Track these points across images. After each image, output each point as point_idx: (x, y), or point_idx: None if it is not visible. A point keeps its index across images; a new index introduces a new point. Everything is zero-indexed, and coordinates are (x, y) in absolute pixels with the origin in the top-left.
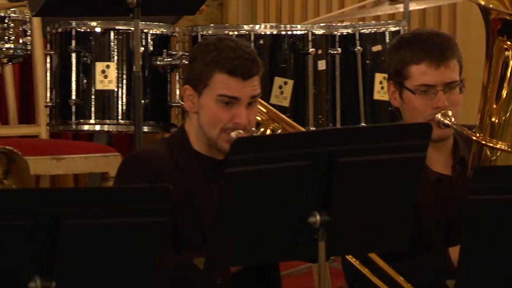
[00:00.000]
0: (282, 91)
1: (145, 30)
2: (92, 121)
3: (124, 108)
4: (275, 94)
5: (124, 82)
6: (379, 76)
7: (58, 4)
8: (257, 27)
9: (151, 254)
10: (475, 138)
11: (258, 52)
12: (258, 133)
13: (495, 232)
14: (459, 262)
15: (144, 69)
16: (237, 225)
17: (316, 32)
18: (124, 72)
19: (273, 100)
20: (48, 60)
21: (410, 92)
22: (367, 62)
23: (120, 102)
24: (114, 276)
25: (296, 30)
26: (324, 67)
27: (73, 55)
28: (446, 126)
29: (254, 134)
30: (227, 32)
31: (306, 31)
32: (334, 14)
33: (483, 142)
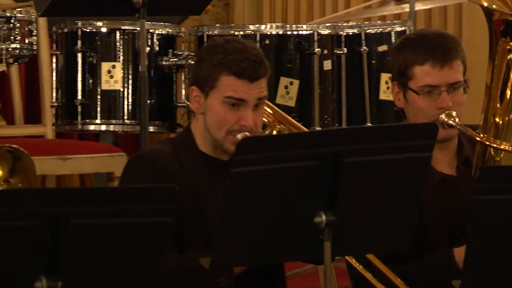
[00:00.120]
0: (288, 91)
1: (151, 30)
2: (98, 121)
3: (130, 108)
4: (281, 94)
5: (130, 82)
6: (385, 76)
7: (64, 4)
8: (263, 27)
9: (155, 254)
10: (479, 138)
11: (263, 52)
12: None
13: (500, 232)
14: (464, 262)
15: (150, 69)
16: (242, 225)
17: (322, 32)
18: (130, 72)
19: (279, 100)
20: (54, 60)
21: (414, 93)
22: (373, 62)
23: (126, 102)
24: (119, 276)
25: (302, 30)
26: (330, 67)
27: (79, 55)
28: (450, 126)
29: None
30: (232, 32)
31: (312, 31)
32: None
33: (487, 142)
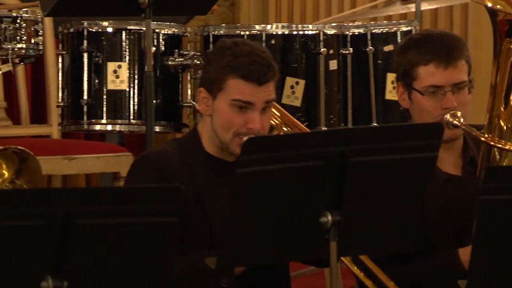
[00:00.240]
0: (294, 91)
1: (156, 30)
2: (103, 121)
3: (135, 108)
4: (287, 94)
5: (136, 82)
6: (390, 76)
7: (70, 4)
8: (268, 27)
9: (161, 253)
10: (483, 139)
11: (269, 52)
12: None
13: (506, 232)
14: (470, 262)
15: (156, 69)
16: (248, 225)
17: (328, 32)
18: (136, 72)
19: (284, 100)
20: (60, 60)
21: (419, 93)
22: (379, 62)
23: (131, 102)
24: (125, 276)
25: (308, 30)
26: (335, 67)
27: (84, 55)
28: (455, 126)
29: None
30: (238, 32)
31: (317, 31)
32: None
33: (492, 143)
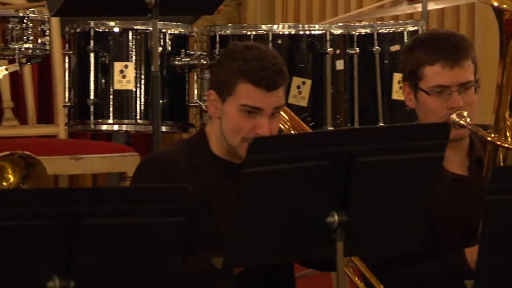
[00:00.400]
0: (300, 91)
1: (163, 30)
2: (110, 121)
3: (142, 108)
4: (293, 94)
5: (142, 82)
6: (397, 76)
7: (77, 4)
8: (275, 27)
9: (168, 254)
10: (490, 138)
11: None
12: None
13: None
14: (476, 262)
15: (162, 69)
16: (254, 225)
17: (334, 32)
18: (142, 72)
19: (291, 100)
20: (67, 60)
21: (425, 93)
22: (385, 62)
23: (138, 102)
24: (131, 276)
25: (314, 30)
26: (342, 67)
27: (91, 55)
28: (461, 126)
29: None
30: (245, 32)
31: (324, 31)
32: (352, 14)
33: (498, 142)
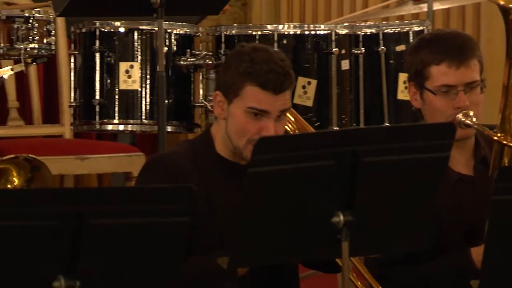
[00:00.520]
0: (306, 91)
1: (168, 30)
2: (115, 121)
3: (147, 108)
4: (299, 94)
5: (148, 82)
6: (402, 76)
7: (82, 4)
8: (280, 27)
9: (173, 253)
10: (496, 138)
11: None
12: None
13: None
14: (482, 262)
15: (168, 69)
16: (260, 224)
17: (340, 32)
18: (148, 72)
19: (296, 100)
20: (72, 60)
21: (431, 92)
22: (391, 62)
23: (143, 102)
24: (136, 276)
25: (320, 30)
26: (347, 67)
27: (97, 55)
28: (467, 126)
29: None
30: (250, 32)
31: (329, 31)
32: (357, 14)
33: (504, 142)
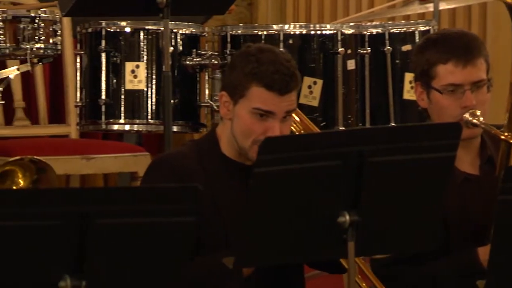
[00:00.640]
0: (312, 90)
1: (174, 30)
2: (121, 120)
3: (153, 108)
4: (304, 94)
5: (154, 82)
6: (408, 76)
7: (88, 4)
8: (286, 26)
9: (179, 253)
10: (503, 137)
11: (287, 52)
12: None
13: None
14: (489, 262)
15: (174, 68)
16: (265, 224)
17: (346, 32)
18: (154, 72)
19: (302, 100)
20: (78, 60)
21: (438, 92)
22: (397, 61)
23: (149, 102)
24: (143, 275)
25: (326, 30)
26: (353, 67)
27: (103, 55)
28: (475, 125)
29: None
30: (256, 32)
31: (335, 31)
32: (363, 13)
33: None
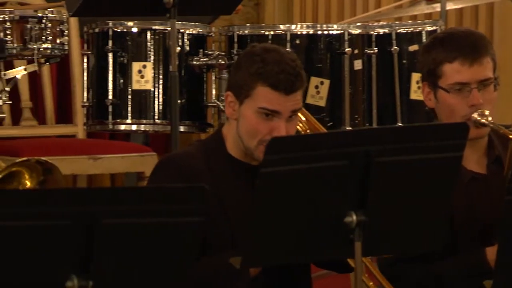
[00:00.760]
0: (319, 91)
1: (181, 30)
2: (128, 121)
3: (160, 108)
4: (311, 94)
5: (161, 82)
6: (415, 76)
7: (95, 4)
8: (293, 27)
9: (186, 253)
10: (511, 136)
11: (294, 52)
12: None
13: None
14: (496, 262)
15: (181, 69)
16: (272, 224)
17: (353, 32)
18: (161, 72)
19: (309, 100)
20: (85, 60)
21: (445, 91)
22: (404, 61)
23: (156, 102)
24: (149, 275)
25: (333, 30)
26: (360, 67)
27: (109, 55)
28: (483, 125)
29: None
30: (263, 32)
31: (342, 31)
32: (370, 13)
33: None
